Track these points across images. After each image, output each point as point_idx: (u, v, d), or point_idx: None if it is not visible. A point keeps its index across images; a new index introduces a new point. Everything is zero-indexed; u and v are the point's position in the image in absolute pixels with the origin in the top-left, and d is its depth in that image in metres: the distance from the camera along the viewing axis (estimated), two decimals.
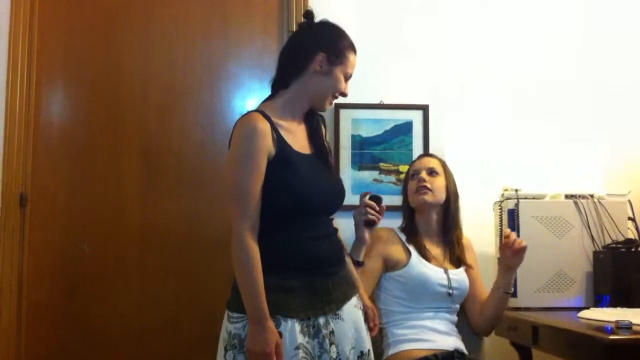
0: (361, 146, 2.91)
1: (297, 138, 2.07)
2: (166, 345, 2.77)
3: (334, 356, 1.96)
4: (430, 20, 2.98)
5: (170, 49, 2.91)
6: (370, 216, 2.33)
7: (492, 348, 2.78)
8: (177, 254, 2.82)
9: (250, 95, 2.93)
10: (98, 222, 2.84)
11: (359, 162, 2.91)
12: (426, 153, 2.78)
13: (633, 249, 2.63)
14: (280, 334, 1.87)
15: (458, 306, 2.56)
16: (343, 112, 2.90)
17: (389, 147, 2.93)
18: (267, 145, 1.95)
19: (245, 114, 2.04)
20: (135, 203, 2.85)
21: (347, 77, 2.12)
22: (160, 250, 2.83)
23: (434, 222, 2.60)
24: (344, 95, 2.13)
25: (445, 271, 2.50)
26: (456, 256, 2.56)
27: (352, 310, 2.06)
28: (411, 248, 2.52)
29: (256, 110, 2.05)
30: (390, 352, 2.44)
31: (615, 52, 3.02)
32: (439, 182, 2.59)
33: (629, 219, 2.75)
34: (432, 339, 2.41)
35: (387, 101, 2.92)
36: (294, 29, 2.26)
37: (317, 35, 2.09)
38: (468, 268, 2.58)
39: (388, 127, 2.93)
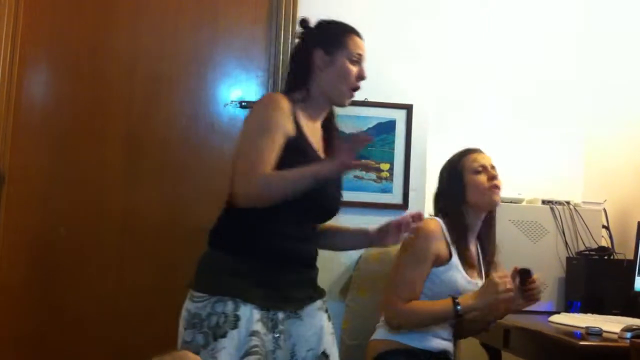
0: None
1: (314, 137, 2.03)
2: (141, 334, 2.75)
3: (288, 354, 1.94)
4: (427, 22, 3.01)
5: (159, 36, 2.89)
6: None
7: (462, 348, 2.82)
8: (158, 241, 2.80)
9: (236, 85, 2.90)
10: (77, 206, 2.81)
11: None
12: (478, 148, 2.45)
13: (606, 257, 2.68)
14: (238, 317, 1.85)
15: None
16: None
17: (371, 145, 2.94)
18: (287, 123, 1.91)
19: (267, 94, 1.99)
20: (116, 189, 2.83)
21: (355, 60, 2.02)
22: (140, 238, 2.81)
23: (479, 224, 2.37)
24: (361, 78, 2.03)
25: (476, 285, 2.29)
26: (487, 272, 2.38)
27: (314, 312, 2.02)
28: (453, 250, 2.31)
29: (279, 92, 2.02)
30: (376, 336, 2.31)
31: (615, 51, 3.03)
32: None
33: (603, 227, 2.80)
34: (426, 340, 2.28)
35: (371, 99, 2.93)
36: (283, 21, 2.20)
37: (309, 36, 2.07)
38: None
39: (371, 125, 2.94)
